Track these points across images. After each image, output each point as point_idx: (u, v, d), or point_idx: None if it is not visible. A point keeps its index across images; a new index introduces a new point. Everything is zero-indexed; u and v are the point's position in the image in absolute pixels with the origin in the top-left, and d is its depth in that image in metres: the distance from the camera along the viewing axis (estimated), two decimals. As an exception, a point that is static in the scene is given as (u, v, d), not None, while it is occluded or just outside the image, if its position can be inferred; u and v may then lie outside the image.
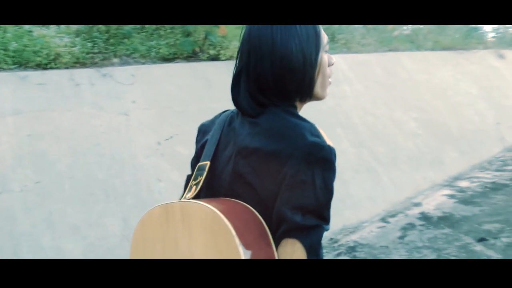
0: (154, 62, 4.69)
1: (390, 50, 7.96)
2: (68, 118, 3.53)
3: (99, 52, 4.31)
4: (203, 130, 1.27)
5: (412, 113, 6.61)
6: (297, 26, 1.04)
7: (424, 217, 4.68)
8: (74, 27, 4.43)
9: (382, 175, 5.33)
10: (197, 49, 4.89)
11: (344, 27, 7.79)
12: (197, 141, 1.28)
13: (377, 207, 4.85)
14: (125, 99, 4.01)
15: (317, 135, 0.99)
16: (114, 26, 4.65)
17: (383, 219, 4.65)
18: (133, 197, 3.44)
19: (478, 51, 10.13)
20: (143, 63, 4.55)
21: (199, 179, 1.12)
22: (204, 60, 5.00)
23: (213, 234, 0.98)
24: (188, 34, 5.09)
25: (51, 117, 3.53)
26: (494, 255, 3.70)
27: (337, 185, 1.00)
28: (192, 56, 5.01)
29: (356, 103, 6.11)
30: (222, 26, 5.02)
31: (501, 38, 11.89)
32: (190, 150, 4.07)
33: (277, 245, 0.99)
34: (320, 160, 0.97)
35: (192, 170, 1.27)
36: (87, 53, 4.11)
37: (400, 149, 5.93)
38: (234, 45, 5.20)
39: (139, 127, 3.92)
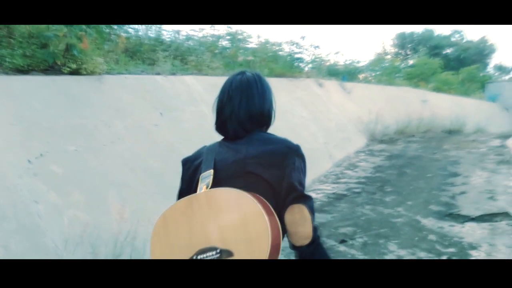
0: (7, 73, 4.31)
1: (234, 74, 8.63)
2: None
3: None
4: (191, 160, 1.68)
5: (262, 133, 7.29)
6: (265, 82, 1.69)
7: (289, 226, 5.24)
8: None
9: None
10: (59, 62, 4.65)
11: (192, 49, 8.19)
12: (186, 170, 1.68)
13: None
14: (-15, 113, 3.63)
15: (292, 142, 1.59)
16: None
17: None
18: (11, 221, 3.13)
19: (303, 79, 11.63)
20: (-5, 74, 4.15)
21: (207, 181, 1.50)
22: (64, 73, 4.78)
23: (239, 205, 1.36)
24: (44, 45, 4.81)
25: None
26: (356, 253, 4.43)
27: None
28: (48, 69, 4.74)
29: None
30: (85, 40, 4.89)
31: (318, 69, 13.82)
32: (64, 169, 3.94)
33: (286, 209, 1.47)
34: (301, 156, 1.56)
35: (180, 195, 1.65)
36: None
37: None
38: (95, 61, 5.09)
39: (5, 144, 3.57)
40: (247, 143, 1.56)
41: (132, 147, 4.79)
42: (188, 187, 1.60)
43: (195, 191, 1.51)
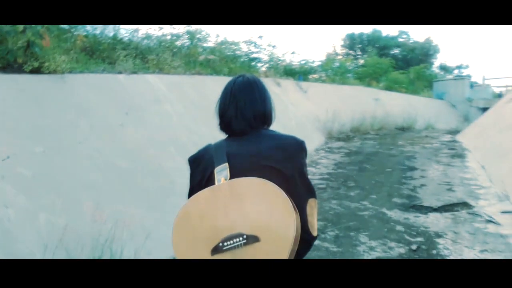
0: (-37, 71, 4.10)
1: (195, 73, 8.58)
2: None
3: None
4: (199, 157, 1.67)
5: (226, 132, 7.28)
6: (264, 84, 1.74)
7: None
8: None
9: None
10: (20, 60, 4.46)
11: (152, 48, 8.06)
12: (196, 166, 1.67)
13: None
14: None
15: (299, 137, 1.65)
16: None
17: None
18: (-18, 226, 2.98)
19: (262, 79, 11.69)
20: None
21: (224, 173, 1.51)
22: (24, 72, 4.58)
23: (264, 193, 1.40)
24: (0, 42, 4.59)
25: None
26: (330, 246, 4.51)
27: (183, 202, 1.52)
28: (6, 67, 4.54)
29: (181, 123, 6.43)
30: (47, 38, 4.71)
31: (275, 68, 13.96)
32: (33, 171, 3.80)
33: (305, 201, 1.55)
34: (306, 150, 1.63)
35: (192, 191, 1.64)
36: None
37: (222, 165, 6.47)
38: (57, 59, 4.91)
39: (-32, 146, 3.39)
40: (256, 138, 1.60)
41: (100, 147, 4.66)
42: (199, 183, 1.61)
43: (206, 185, 1.51)
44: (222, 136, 1.71)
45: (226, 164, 1.53)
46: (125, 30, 8.27)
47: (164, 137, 5.81)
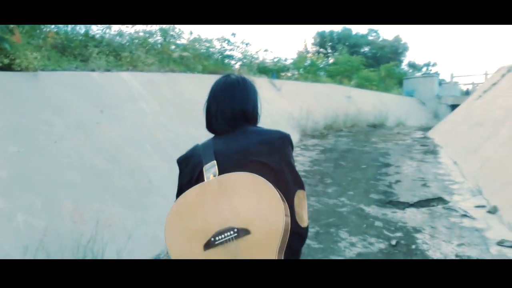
0: None
1: (169, 71, 8.50)
2: None
3: None
4: (188, 158, 1.70)
5: (204, 131, 7.24)
6: (248, 84, 1.79)
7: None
8: None
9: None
10: (-10, 56, 4.31)
11: (125, 46, 7.93)
12: (184, 166, 1.70)
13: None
14: None
15: (284, 131, 1.69)
16: None
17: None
18: (-43, 230, 2.88)
19: (236, 76, 11.70)
20: None
21: (212, 171, 1.55)
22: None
23: (253, 186, 1.44)
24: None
25: None
26: (311, 243, 4.55)
27: (161, 201, 1.51)
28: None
29: (156, 121, 6.36)
30: (17, 33, 4.58)
31: (249, 66, 13.96)
32: (8, 171, 3.72)
33: (293, 193, 1.57)
34: (292, 143, 1.67)
35: (181, 190, 1.64)
36: None
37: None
38: (28, 56, 4.77)
39: None
40: (242, 135, 1.64)
41: (76, 146, 4.56)
42: (188, 182, 1.63)
43: (196, 184, 1.53)
44: (198, 134, 1.71)
45: (214, 162, 1.57)
46: (96, 27, 8.10)
47: (140, 136, 5.73)
